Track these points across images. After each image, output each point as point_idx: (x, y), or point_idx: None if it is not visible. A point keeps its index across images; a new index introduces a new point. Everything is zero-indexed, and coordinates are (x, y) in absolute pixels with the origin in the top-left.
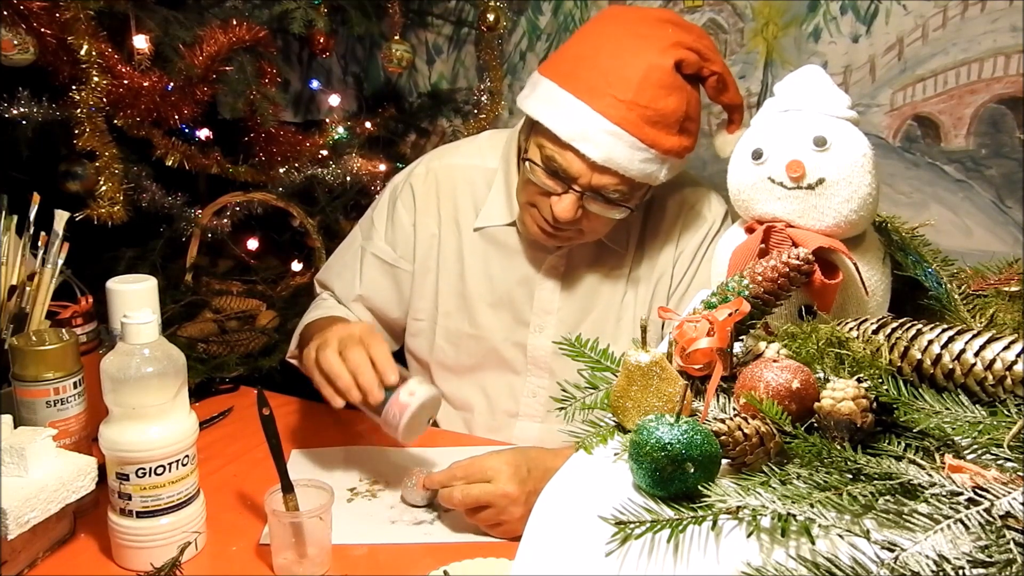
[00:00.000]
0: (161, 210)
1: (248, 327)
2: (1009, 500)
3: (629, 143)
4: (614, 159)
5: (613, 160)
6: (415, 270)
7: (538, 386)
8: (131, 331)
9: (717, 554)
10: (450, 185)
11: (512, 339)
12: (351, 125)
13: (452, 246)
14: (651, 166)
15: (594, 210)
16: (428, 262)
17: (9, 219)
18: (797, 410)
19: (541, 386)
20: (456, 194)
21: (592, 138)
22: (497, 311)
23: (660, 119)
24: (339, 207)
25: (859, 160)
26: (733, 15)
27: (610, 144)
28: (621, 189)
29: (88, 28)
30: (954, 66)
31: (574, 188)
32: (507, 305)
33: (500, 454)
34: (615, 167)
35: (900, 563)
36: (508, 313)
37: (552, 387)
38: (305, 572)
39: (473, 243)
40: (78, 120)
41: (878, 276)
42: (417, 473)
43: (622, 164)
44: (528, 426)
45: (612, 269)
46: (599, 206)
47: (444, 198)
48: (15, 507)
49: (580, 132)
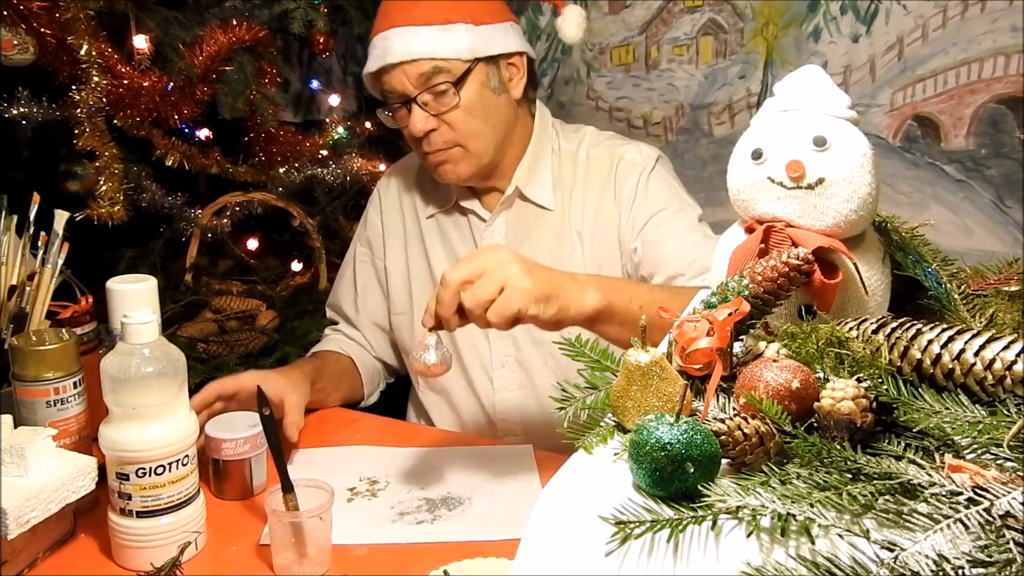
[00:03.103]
0: (161, 210)
1: (248, 327)
2: (1009, 500)
3: (413, 33)
4: (410, 50)
5: (410, 51)
6: (387, 266)
7: (504, 355)
8: (131, 331)
9: (717, 554)
10: (406, 183)
11: None
12: (351, 125)
13: (416, 237)
14: (446, 38)
15: (437, 107)
16: (398, 257)
17: (9, 219)
18: (797, 410)
19: (508, 355)
20: (413, 190)
21: (388, 49)
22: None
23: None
24: (339, 207)
25: (859, 160)
26: (733, 15)
27: (399, 42)
28: (442, 78)
29: (88, 28)
30: (954, 66)
31: (412, 102)
32: None
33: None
34: (418, 55)
35: (900, 563)
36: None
37: (516, 353)
38: (305, 572)
39: (430, 230)
40: (78, 120)
41: (878, 276)
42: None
43: (420, 50)
44: (507, 397)
45: (552, 229)
46: (436, 100)
47: (403, 196)
48: (15, 507)
49: (380, 54)
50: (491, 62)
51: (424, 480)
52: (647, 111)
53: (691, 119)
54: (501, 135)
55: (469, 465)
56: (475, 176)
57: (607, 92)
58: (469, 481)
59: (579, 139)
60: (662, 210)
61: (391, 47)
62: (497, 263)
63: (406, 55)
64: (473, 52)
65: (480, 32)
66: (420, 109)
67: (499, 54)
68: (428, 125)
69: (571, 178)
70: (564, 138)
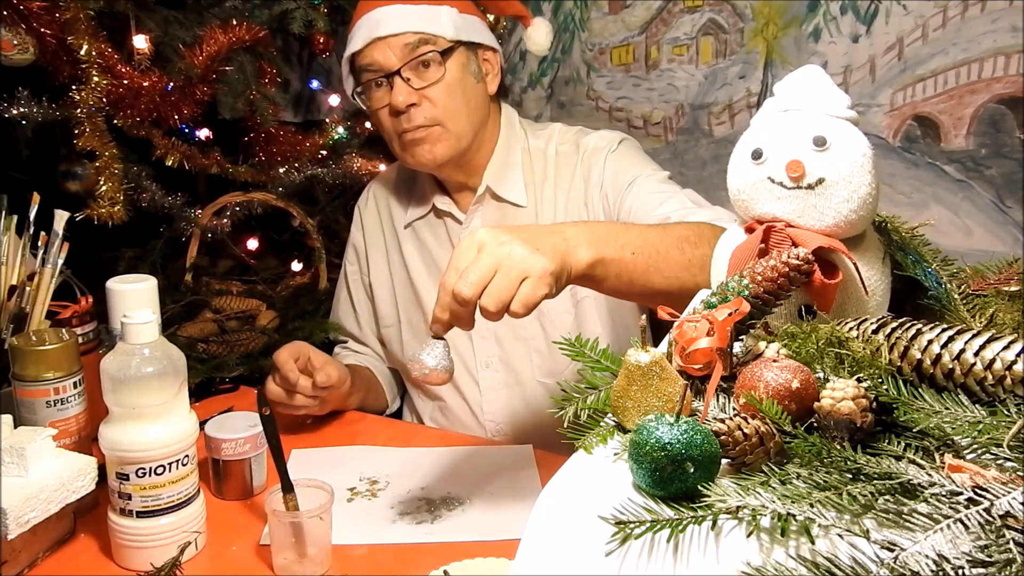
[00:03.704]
0: (161, 210)
1: (248, 327)
2: (1009, 500)
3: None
4: (398, 25)
5: (397, 26)
6: (371, 282)
7: (488, 355)
8: (131, 331)
9: (717, 554)
10: (383, 197)
11: None
12: (351, 125)
13: (396, 249)
14: (432, 16)
15: (419, 82)
16: (382, 271)
17: (9, 219)
18: (797, 410)
19: (491, 354)
20: (389, 203)
21: (375, 25)
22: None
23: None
24: (339, 207)
25: (859, 160)
26: (733, 15)
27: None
28: (428, 48)
29: (88, 28)
30: (954, 66)
31: (396, 75)
32: None
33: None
34: (402, 28)
35: (900, 563)
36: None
37: (500, 352)
38: (305, 572)
39: (407, 240)
40: (78, 120)
41: (878, 276)
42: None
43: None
44: (495, 398)
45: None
46: (419, 76)
47: (382, 210)
48: (15, 507)
49: (368, 32)
50: (470, 49)
51: (424, 480)
52: (647, 111)
53: (691, 119)
54: (478, 122)
55: (469, 465)
56: (451, 161)
57: (607, 92)
58: (469, 481)
59: (547, 136)
60: (635, 179)
61: (378, 23)
62: (505, 255)
63: (394, 28)
64: (457, 34)
65: (463, 18)
66: (403, 83)
67: (478, 43)
68: (410, 99)
69: (542, 174)
70: (532, 136)
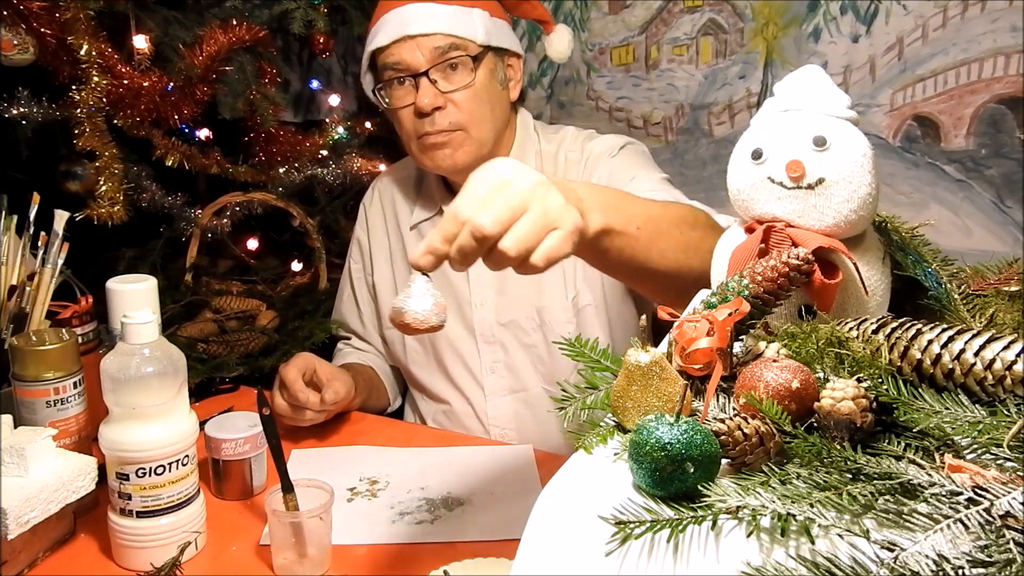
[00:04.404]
0: (161, 210)
1: (248, 327)
2: (1009, 500)
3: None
4: (430, 24)
5: (429, 25)
6: (375, 282)
7: (494, 361)
8: (131, 331)
9: (717, 554)
10: (389, 196)
11: (461, 322)
12: (351, 125)
13: (400, 251)
14: (465, 19)
15: (447, 85)
16: (385, 272)
17: (9, 219)
18: (797, 410)
19: (497, 360)
20: (395, 203)
21: (406, 22)
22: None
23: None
24: (339, 207)
25: (859, 160)
26: (733, 15)
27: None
28: (457, 53)
29: (88, 28)
30: (954, 66)
31: (423, 76)
32: (449, 290)
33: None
34: (438, 29)
35: (900, 563)
36: (452, 298)
37: (506, 358)
38: (305, 572)
39: (413, 242)
40: (78, 120)
41: (878, 276)
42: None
43: (440, 25)
44: (499, 403)
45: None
46: (447, 78)
47: (387, 209)
48: (15, 507)
49: (397, 29)
50: (498, 55)
51: (424, 480)
52: (647, 111)
53: (691, 119)
54: (500, 129)
55: (469, 465)
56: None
57: (607, 92)
58: (469, 481)
59: (559, 140)
60: (633, 179)
61: (409, 20)
62: (540, 198)
63: (425, 28)
64: (488, 39)
65: (494, 22)
66: (430, 85)
67: (506, 49)
68: (436, 102)
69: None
70: (545, 140)
